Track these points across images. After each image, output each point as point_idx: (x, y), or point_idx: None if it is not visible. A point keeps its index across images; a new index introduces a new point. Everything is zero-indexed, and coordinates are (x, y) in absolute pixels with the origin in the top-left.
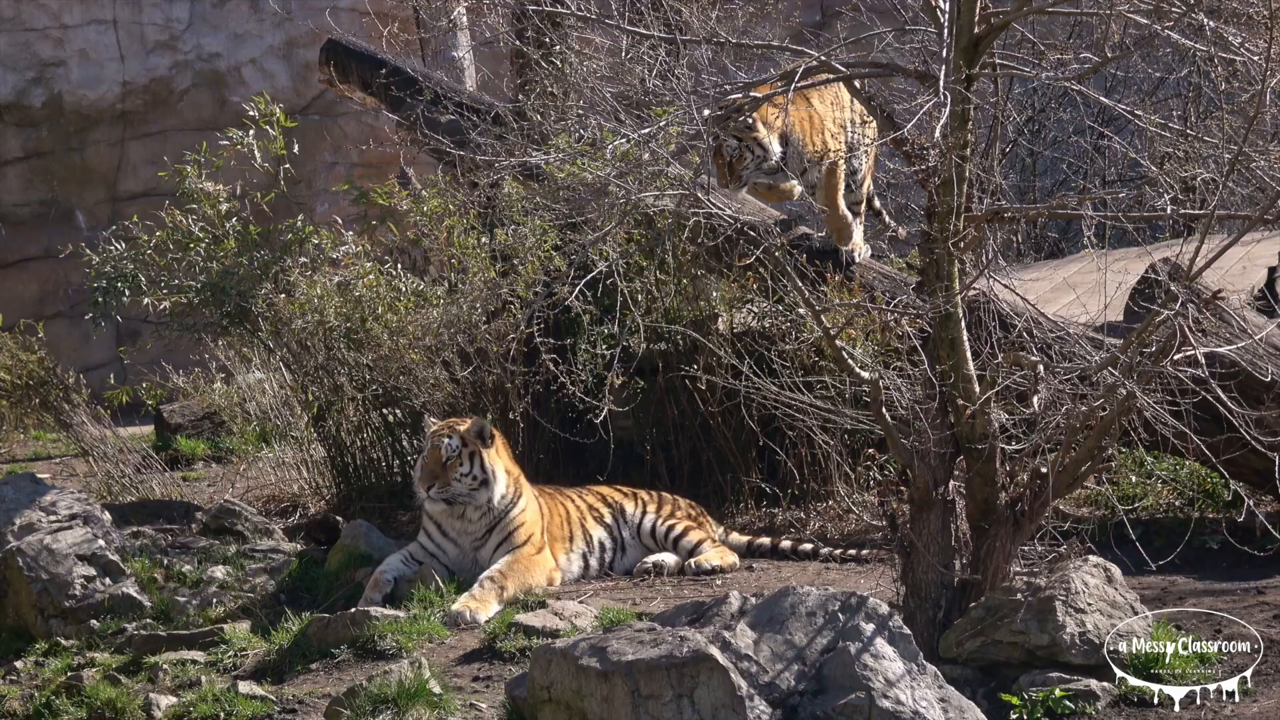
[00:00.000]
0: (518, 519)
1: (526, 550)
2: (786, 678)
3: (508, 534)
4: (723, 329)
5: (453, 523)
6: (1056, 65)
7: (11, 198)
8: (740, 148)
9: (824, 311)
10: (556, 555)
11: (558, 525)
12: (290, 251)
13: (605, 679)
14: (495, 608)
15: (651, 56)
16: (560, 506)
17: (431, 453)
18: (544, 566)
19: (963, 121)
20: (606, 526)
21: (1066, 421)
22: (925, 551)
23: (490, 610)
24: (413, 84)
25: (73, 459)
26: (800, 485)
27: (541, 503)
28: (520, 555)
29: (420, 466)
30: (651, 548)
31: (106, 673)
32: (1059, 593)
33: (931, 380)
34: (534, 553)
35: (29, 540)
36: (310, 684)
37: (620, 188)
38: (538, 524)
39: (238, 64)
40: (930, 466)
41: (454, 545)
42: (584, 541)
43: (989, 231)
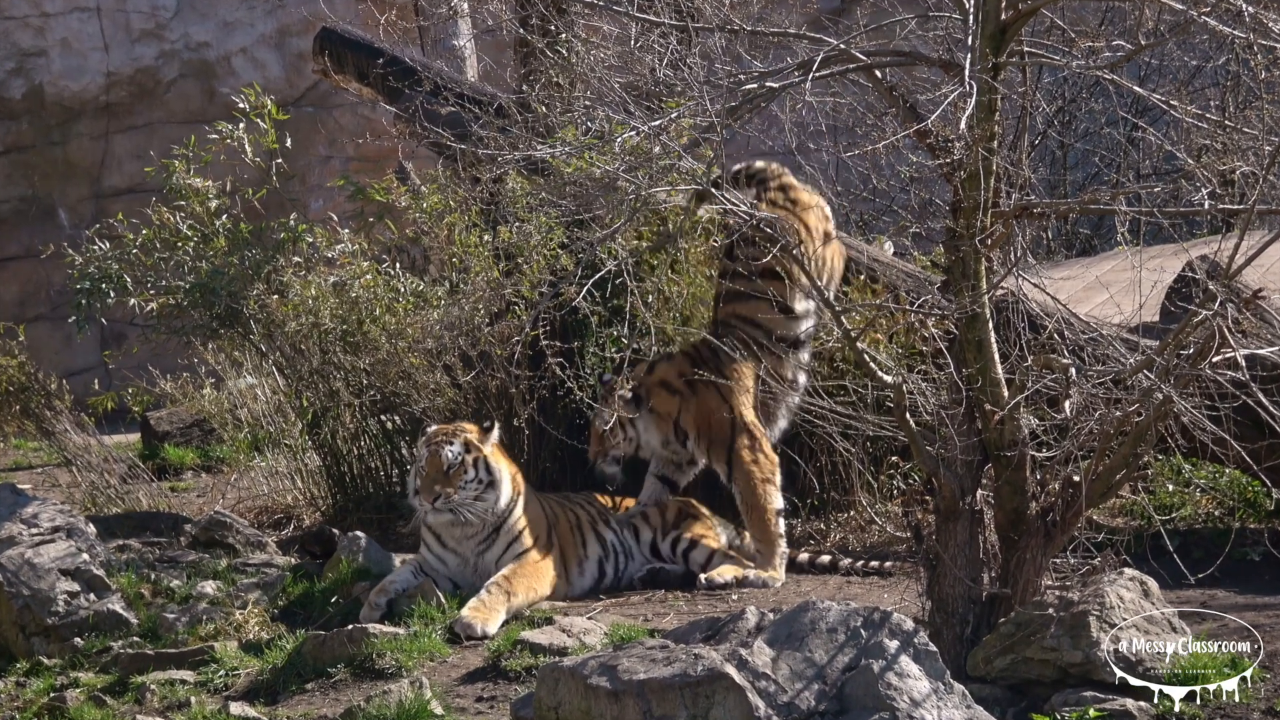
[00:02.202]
0: (521, 520)
1: (533, 555)
2: (806, 697)
3: (514, 536)
4: None
5: (453, 530)
6: (1088, 53)
7: None
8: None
9: (844, 313)
10: (568, 563)
11: (567, 531)
12: (283, 250)
13: (616, 699)
14: (503, 616)
15: (662, 45)
16: (569, 512)
17: (431, 461)
18: (551, 572)
19: (989, 112)
20: (616, 532)
21: (1100, 427)
22: (952, 564)
23: (499, 619)
24: (411, 74)
25: (55, 469)
26: (820, 495)
27: (548, 508)
28: (527, 560)
29: (417, 475)
30: (665, 559)
31: (91, 693)
32: (1093, 607)
33: (958, 384)
34: (540, 557)
35: (9, 554)
36: (305, 705)
37: (630, 182)
38: (542, 524)
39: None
40: (957, 475)
41: (455, 555)
42: (598, 546)
43: (1017, 228)
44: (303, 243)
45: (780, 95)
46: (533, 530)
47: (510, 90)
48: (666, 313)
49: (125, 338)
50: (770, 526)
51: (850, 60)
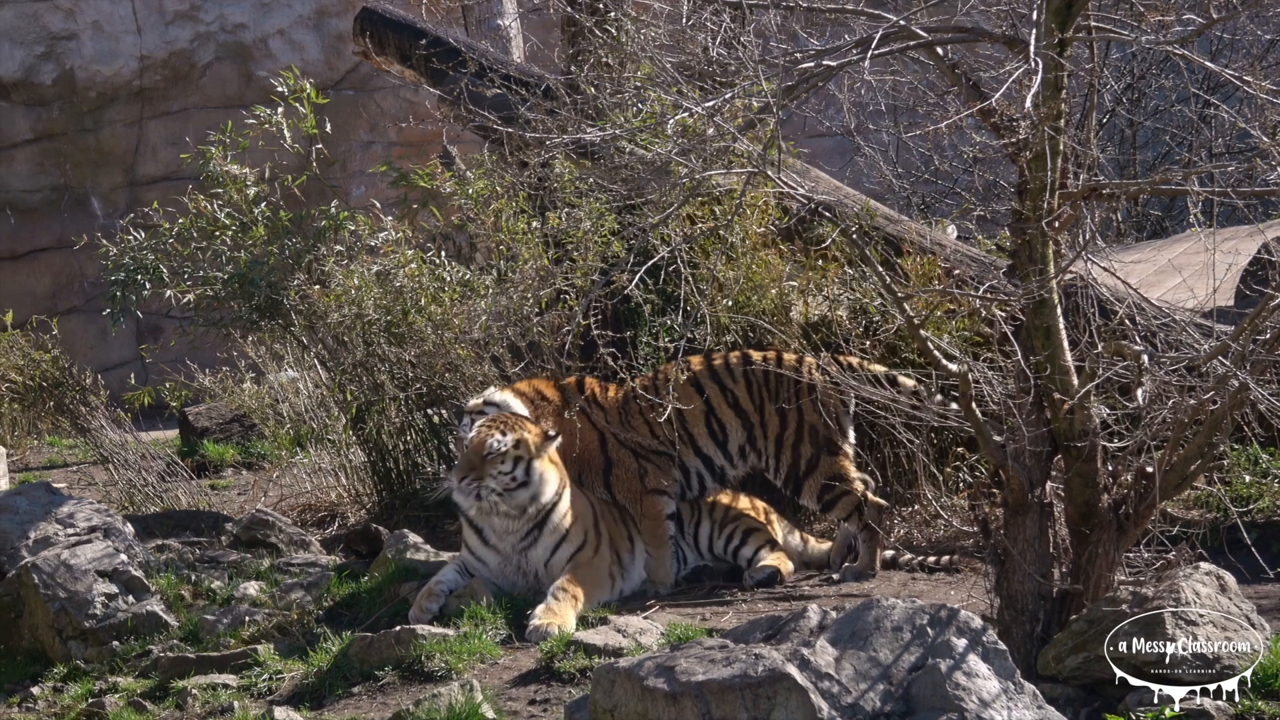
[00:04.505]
0: (566, 515)
1: (586, 553)
2: (871, 698)
3: (562, 534)
4: (796, 319)
5: (492, 522)
6: (1157, 27)
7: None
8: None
9: (907, 299)
10: (621, 558)
11: (614, 523)
12: (324, 239)
13: (673, 701)
14: (574, 621)
15: (715, 22)
16: (617, 508)
17: (474, 441)
18: (607, 570)
19: (1056, 90)
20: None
21: (1174, 416)
22: (1021, 559)
23: (571, 624)
24: (455, 55)
25: (91, 466)
26: (883, 488)
27: (596, 504)
28: (581, 560)
29: (459, 449)
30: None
31: (130, 698)
32: (1168, 603)
33: (1025, 372)
34: (592, 555)
35: (45, 555)
36: (352, 709)
37: (683, 165)
38: (589, 517)
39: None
40: (1025, 467)
41: (495, 553)
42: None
43: (1086, 210)
44: (344, 231)
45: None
46: (581, 525)
47: (558, 71)
48: (721, 300)
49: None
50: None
51: (910, 37)
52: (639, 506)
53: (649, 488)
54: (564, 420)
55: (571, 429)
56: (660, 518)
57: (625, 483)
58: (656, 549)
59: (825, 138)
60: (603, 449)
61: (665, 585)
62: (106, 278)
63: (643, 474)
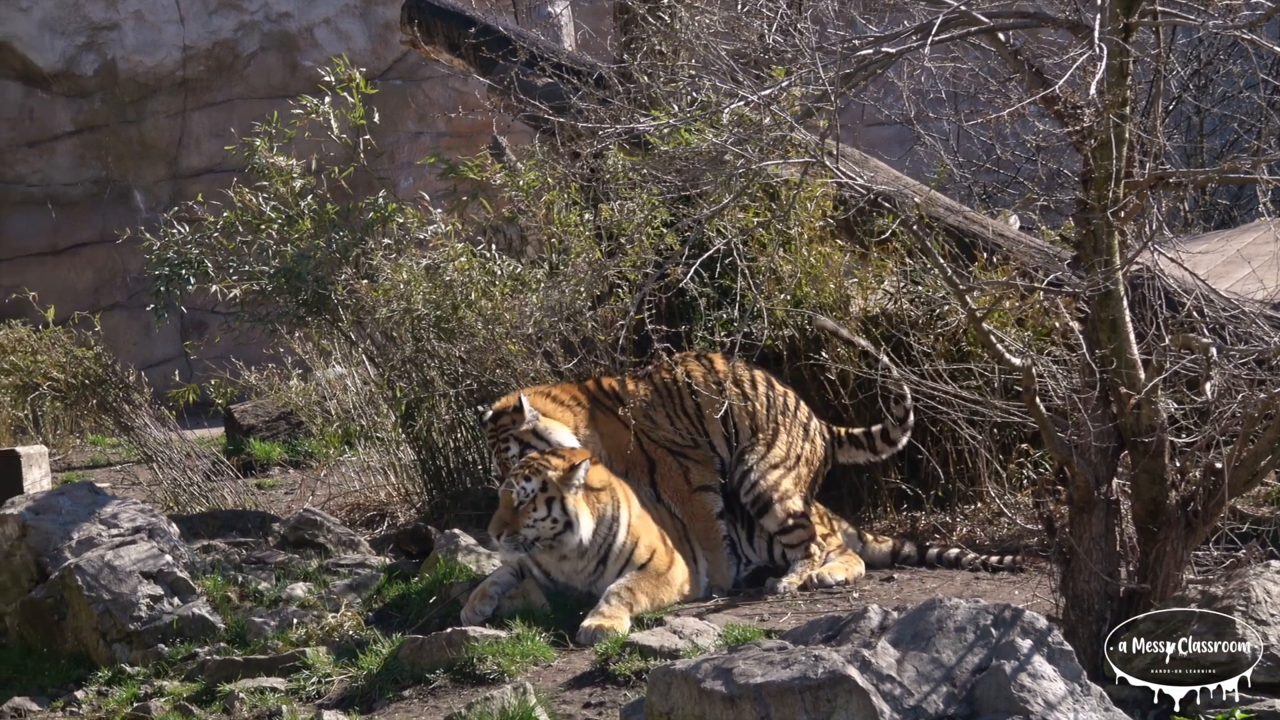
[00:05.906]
0: (629, 541)
1: (653, 565)
2: (934, 701)
3: (626, 559)
4: (855, 312)
5: (555, 564)
6: (1225, 11)
7: (62, 176)
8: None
9: (969, 291)
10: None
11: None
12: (372, 232)
13: (732, 704)
14: (629, 622)
15: (771, 9)
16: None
17: (503, 497)
18: (677, 580)
19: (1121, 76)
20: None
21: (1243, 410)
22: (1087, 558)
23: (626, 625)
24: (505, 44)
25: (135, 465)
26: (945, 485)
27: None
28: (648, 570)
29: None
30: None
31: (177, 703)
32: (1238, 602)
33: (1091, 367)
34: (664, 566)
35: (88, 557)
36: (403, 713)
37: (738, 156)
38: (654, 532)
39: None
40: (1091, 463)
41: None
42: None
43: (1152, 199)
44: (393, 223)
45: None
46: (647, 544)
47: (610, 59)
48: (778, 294)
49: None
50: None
51: (971, 23)
52: (687, 507)
53: (694, 485)
54: (601, 423)
55: (612, 431)
56: (711, 518)
57: (670, 482)
58: (712, 552)
59: (884, 126)
60: (641, 449)
61: (722, 588)
62: (150, 273)
63: (685, 472)
